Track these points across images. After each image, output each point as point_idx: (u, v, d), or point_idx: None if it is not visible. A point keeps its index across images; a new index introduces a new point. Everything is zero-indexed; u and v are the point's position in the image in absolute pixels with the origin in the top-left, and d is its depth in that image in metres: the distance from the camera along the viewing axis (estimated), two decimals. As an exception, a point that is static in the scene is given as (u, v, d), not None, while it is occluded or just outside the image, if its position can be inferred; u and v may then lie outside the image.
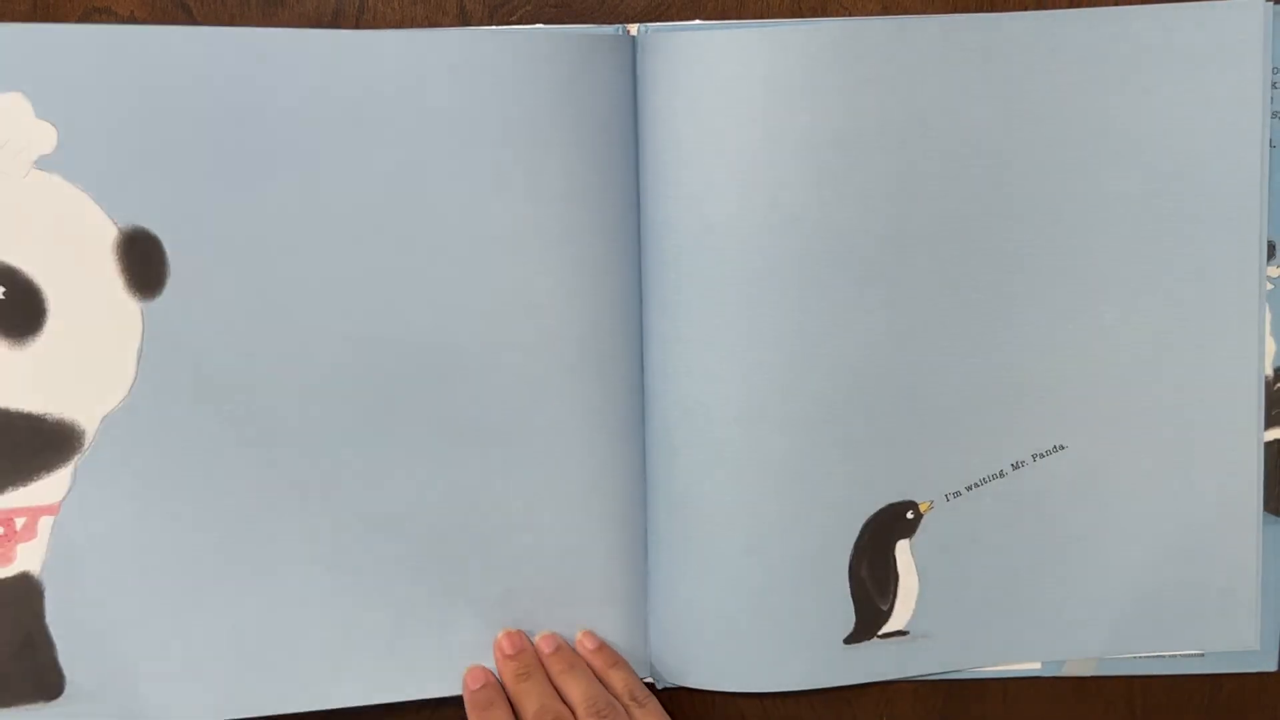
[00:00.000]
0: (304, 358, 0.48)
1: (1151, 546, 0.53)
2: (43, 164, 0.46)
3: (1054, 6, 0.50)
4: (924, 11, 0.50)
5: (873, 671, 0.52)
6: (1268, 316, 0.52)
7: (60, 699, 0.48)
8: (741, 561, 0.50)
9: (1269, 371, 0.52)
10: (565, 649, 0.51)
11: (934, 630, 0.52)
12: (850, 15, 0.50)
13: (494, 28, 0.49)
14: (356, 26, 0.49)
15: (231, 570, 0.49)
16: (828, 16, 0.50)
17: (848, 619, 0.51)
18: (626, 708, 0.49)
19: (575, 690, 0.49)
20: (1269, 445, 0.53)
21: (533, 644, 0.51)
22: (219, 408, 0.48)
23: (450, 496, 0.49)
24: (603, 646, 0.52)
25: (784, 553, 0.50)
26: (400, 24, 0.49)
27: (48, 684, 0.48)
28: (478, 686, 0.50)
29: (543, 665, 0.50)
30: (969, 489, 0.51)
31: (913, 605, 0.52)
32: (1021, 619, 0.53)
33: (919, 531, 0.51)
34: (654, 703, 0.50)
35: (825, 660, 0.52)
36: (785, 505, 0.50)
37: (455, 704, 0.52)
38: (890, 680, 0.53)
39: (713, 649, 0.51)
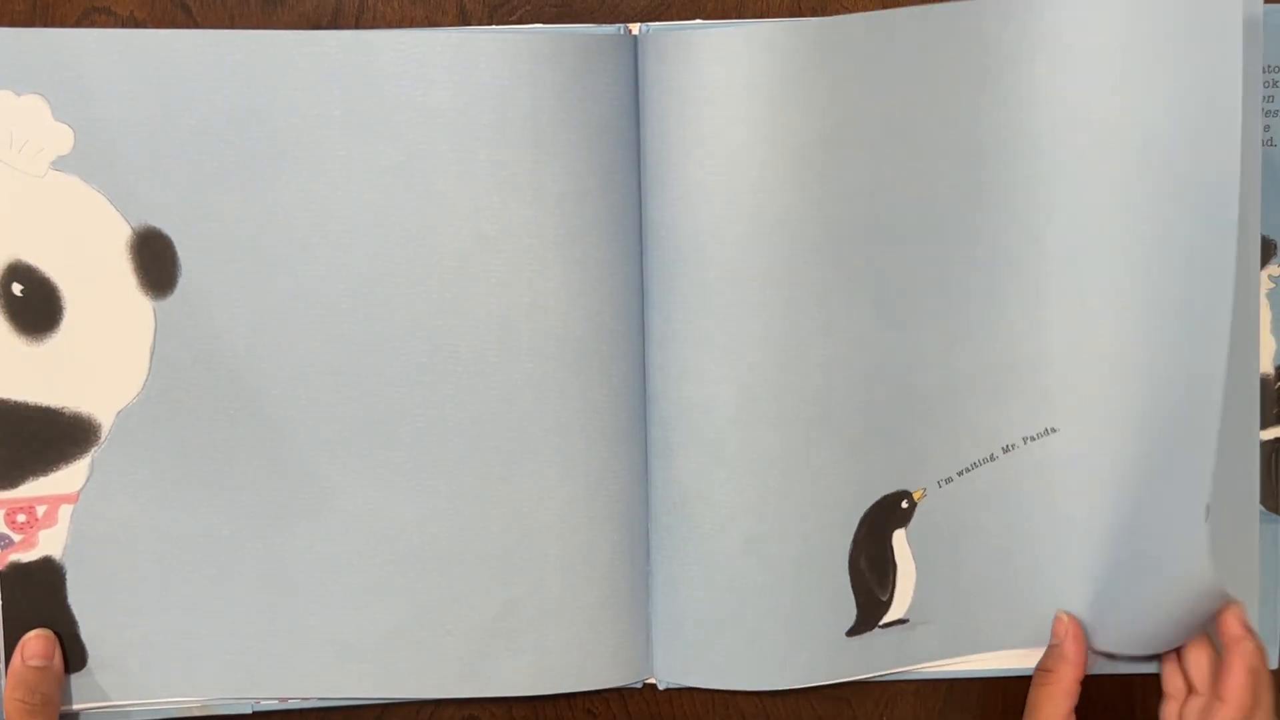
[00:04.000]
0: (308, 357, 0.49)
1: (1148, 539, 0.52)
2: (60, 165, 0.47)
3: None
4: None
5: (873, 664, 0.52)
6: (1266, 315, 0.51)
7: (84, 671, 0.50)
8: (741, 560, 0.50)
9: (1268, 370, 0.51)
10: None
11: (933, 616, 0.52)
12: (850, 14, 0.50)
13: (494, 28, 0.49)
14: (356, 26, 0.49)
15: (240, 559, 0.50)
16: (827, 15, 0.50)
17: (849, 612, 0.52)
18: None
19: None
20: (1267, 444, 0.52)
21: None
22: (228, 404, 0.49)
23: (453, 496, 0.50)
24: None
25: (783, 550, 0.50)
26: (400, 24, 0.49)
27: (72, 658, 0.50)
28: None
29: None
30: (960, 474, 0.51)
31: (911, 593, 0.52)
32: (1018, 602, 0.53)
33: (915, 519, 0.51)
34: None
35: (826, 656, 0.52)
36: (783, 502, 0.50)
37: (453, 704, 0.53)
38: (890, 679, 0.53)
39: (714, 648, 0.51)
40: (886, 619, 0.52)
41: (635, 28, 0.49)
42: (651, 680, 0.53)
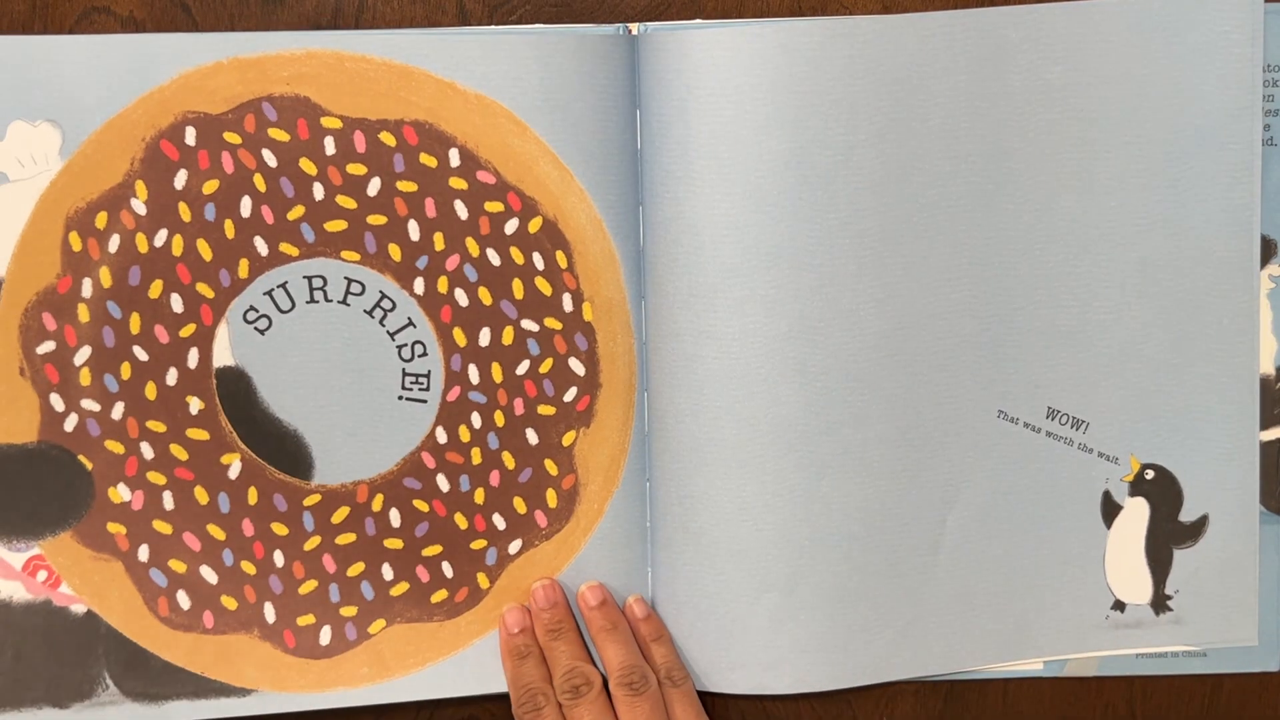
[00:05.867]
0: None
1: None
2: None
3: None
4: (924, 11, 0.50)
5: (873, 673, 0.52)
6: (1267, 315, 0.51)
7: None
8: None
9: (1269, 370, 0.51)
10: (611, 606, 0.50)
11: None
12: (850, 14, 0.50)
13: (494, 27, 0.49)
14: (356, 27, 0.49)
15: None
16: (827, 16, 0.50)
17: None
18: (661, 684, 0.48)
19: (613, 654, 0.48)
20: (1268, 445, 0.52)
21: (570, 596, 0.50)
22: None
23: None
24: (651, 616, 0.50)
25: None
26: (400, 24, 0.49)
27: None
28: (516, 631, 0.49)
29: (578, 619, 0.49)
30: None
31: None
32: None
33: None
34: (690, 685, 0.49)
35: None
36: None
37: (453, 704, 0.53)
38: (890, 681, 0.53)
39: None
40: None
41: (635, 28, 0.49)
42: (651, 681, 0.53)
